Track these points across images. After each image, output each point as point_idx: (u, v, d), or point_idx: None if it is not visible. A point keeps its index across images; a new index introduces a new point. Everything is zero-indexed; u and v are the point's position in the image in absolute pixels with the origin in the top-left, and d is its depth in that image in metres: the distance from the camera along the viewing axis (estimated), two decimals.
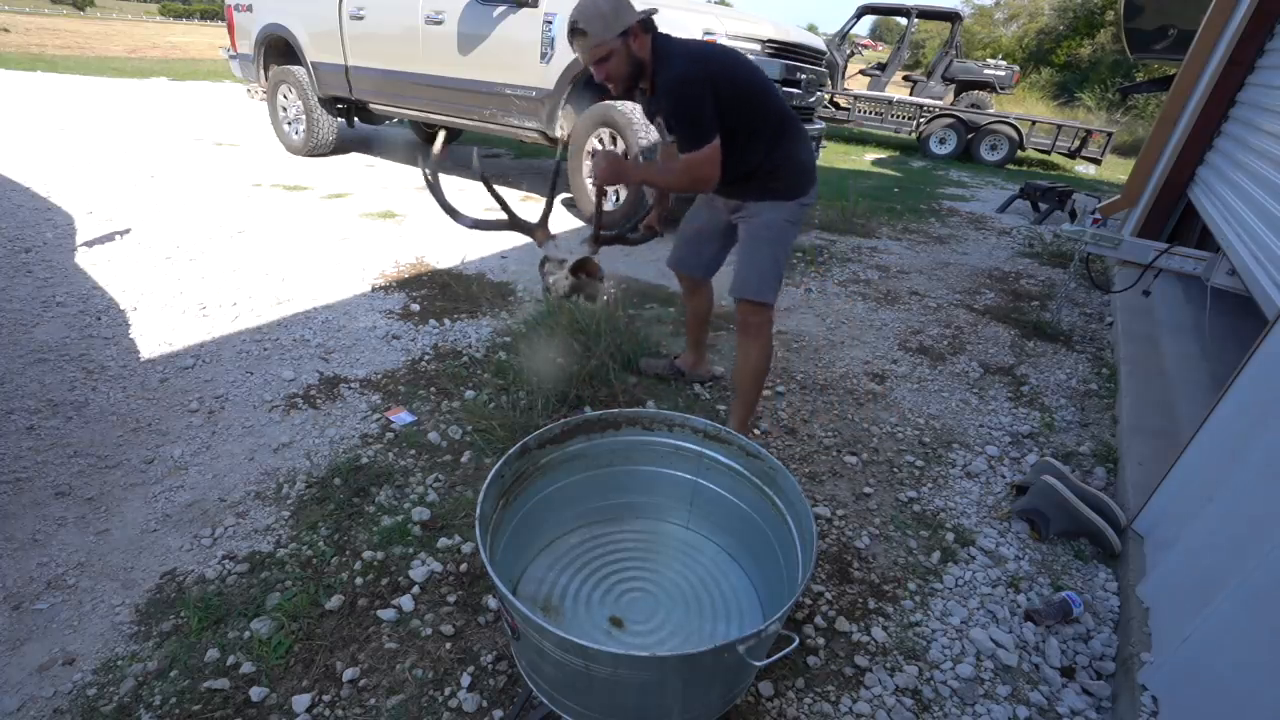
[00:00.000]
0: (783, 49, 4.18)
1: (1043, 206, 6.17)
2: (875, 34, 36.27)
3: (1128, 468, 2.15)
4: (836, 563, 1.77)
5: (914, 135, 10.65)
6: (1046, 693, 1.45)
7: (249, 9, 5.96)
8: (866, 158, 9.89)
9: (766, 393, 2.59)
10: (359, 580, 1.57)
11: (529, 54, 4.40)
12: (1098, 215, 3.65)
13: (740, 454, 1.46)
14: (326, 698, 1.31)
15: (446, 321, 2.93)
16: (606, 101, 4.26)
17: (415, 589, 1.56)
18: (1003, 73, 12.68)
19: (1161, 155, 4.23)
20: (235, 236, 3.77)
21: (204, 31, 30.20)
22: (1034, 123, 10.49)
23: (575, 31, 1.72)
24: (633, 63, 1.78)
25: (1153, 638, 1.47)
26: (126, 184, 4.65)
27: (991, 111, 11.67)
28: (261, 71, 6.19)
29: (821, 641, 1.52)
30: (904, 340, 3.19)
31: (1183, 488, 1.72)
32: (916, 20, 11.41)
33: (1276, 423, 1.36)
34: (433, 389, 2.39)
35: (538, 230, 2.38)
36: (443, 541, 1.70)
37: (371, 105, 5.69)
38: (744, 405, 2.09)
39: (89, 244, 3.48)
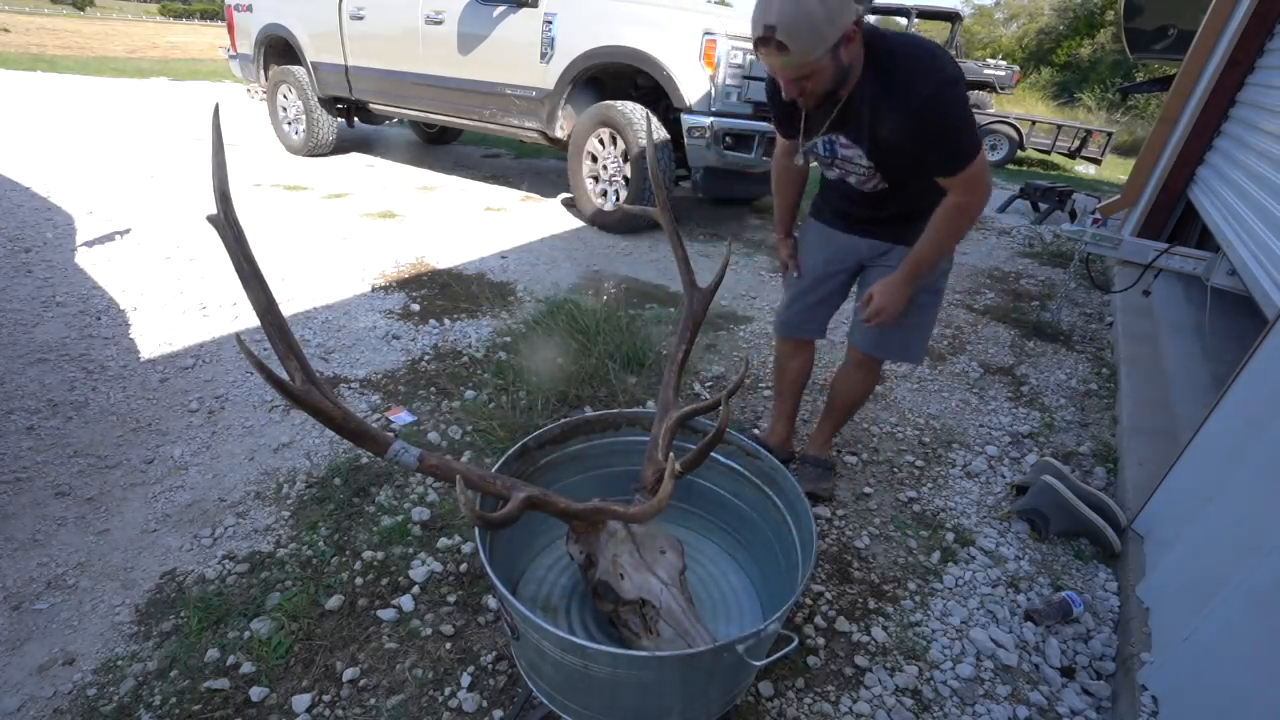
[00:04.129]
0: None
1: (1043, 206, 6.17)
2: None
3: (1128, 468, 2.15)
4: (836, 563, 1.77)
5: None
6: (1046, 693, 1.45)
7: (249, 9, 5.96)
8: None
9: (766, 392, 2.59)
10: (359, 580, 1.57)
11: (529, 54, 4.40)
12: (1098, 215, 3.66)
13: (740, 454, 1.46)
14: (326, 698, 1.31)
15: (446, 321, 2.93)
16: (606, 101, 4.26)
17: (415, 589, 1.56)
18: (1003, 73, 12.66)
19: (1161, 155, 4.23)
20: None
21: (204, 31, 30.23)
22: (1034, 123, 10.48)
23: (771, 43, 1.25)
24: (838, 75, 1.34)
25: (1153, 638, 1.47)
26: (126, 184, 4.65)
27: (991, 111, 11.66)
28: (261, 71, 6.20)
29: (821, 641, 1.52)
30: None
31: (1183, 488, 1.72)
32: (916, 20, 11.39)
33: (1276, 423, 1.36)
34: (433, 389, 2.39)
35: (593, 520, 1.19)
36: (443, 541, 1.70)
37: (371, 105, 5.69)
38: (836, 427, 2.01)
39: (89, 244, 3.48)
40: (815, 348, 1.99)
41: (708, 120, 3.95)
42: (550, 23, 4.27)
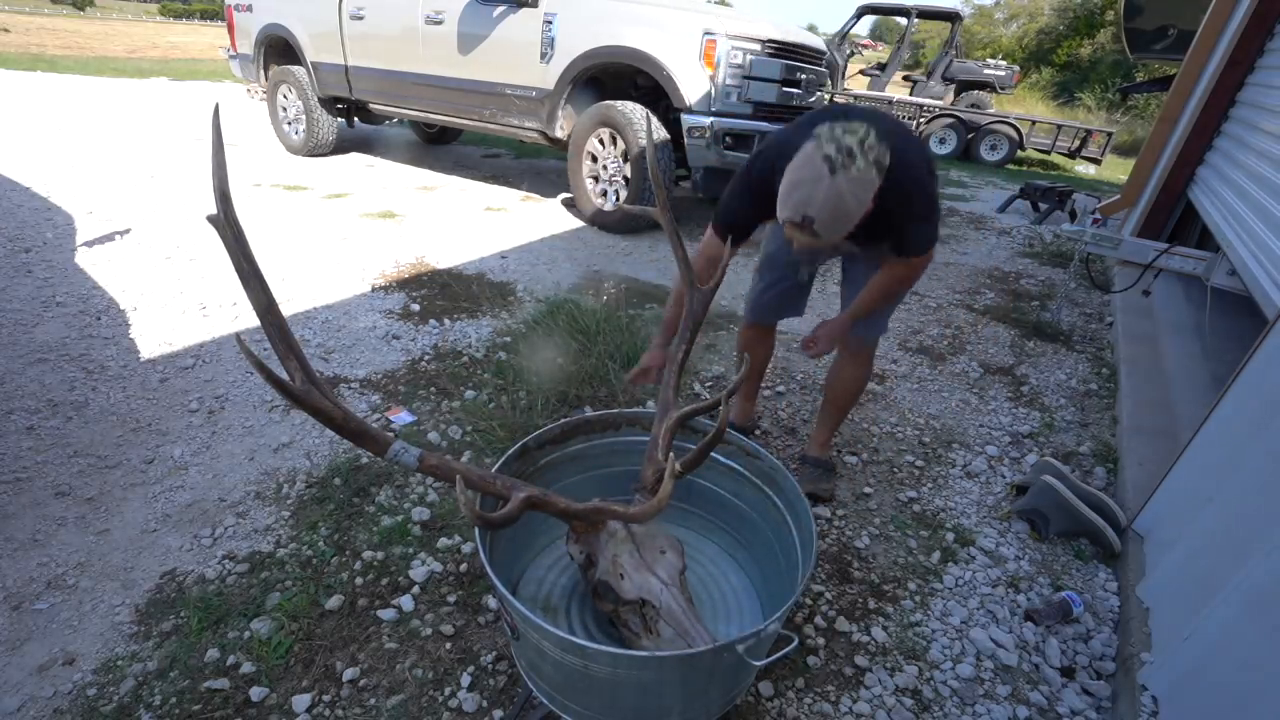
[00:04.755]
0: (783, 49, 4.19)
1: (1043, 206, 6.17)
2: (875, 34, 36.35)
3: (1128, 468, 2.15)
4: (836, 563, 1.77)
5: None
6: (1046, 693, 1.45)
7: (249, 9, 5.96)
8: None
9: (766, 392, 2.59)
10: (359, 580, 1.57)
11: (529, 54, 4.40)
12: (1098, 215, 3.66)
13: (740, 454, 1.46)
14: (326, 698, 1.31)
15: (446, 321, 2.93)
16: (606, 101, 4.27)
17: (415, 589, 1.56)
18: (1003, 73, 12.69)
19: (1161, 155, 4.23)
20: None
21: (204, 31, 30.21)
22: (1034, 123, 10.49)
23: (805, 229, 1.29)
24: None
25: (1153, 638, 1.47)
26: (126, 184, 4.65)
27: (991, 111, 11.67)
28: (261, 71, 6.20)
29: (821, 641, 1.52)
30: (904, 340, 3.19)
31: (1183, 488, 1.72)
32: (916, 20, 11.41)
33: (1276, 423, 1.36)
34: (433, 389, 2.39)
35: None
36: (443, 541, 1.70)
37: (371, 105, 5.69)
38: (835, 425, 2.04)
39: (89, 244, 3.48)
40: (775, 331, 2.14)
41: (708, 120, 3.95)
42: (550, 23, 4.27)
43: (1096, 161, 9.86)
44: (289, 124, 6.12)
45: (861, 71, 12.67)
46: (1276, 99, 2.97)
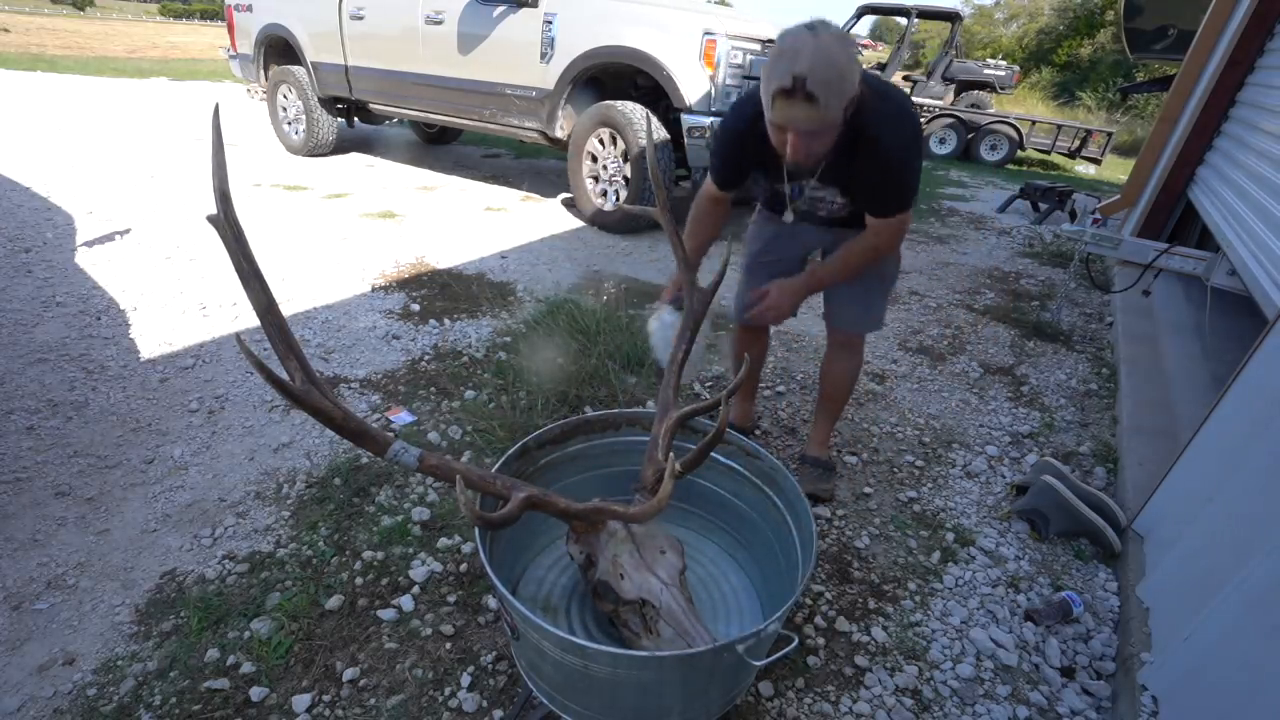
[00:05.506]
0: None
1: (1043, 206, 6.16)
2: (875, 34, 36.38)
3: (1128, 468, 2.15)
4: (836, 563, 1.77)
5: None
6: (1046, 693, 1.45)
7: (249, 9, 5.96)
8: None
9: (766, 392, 2.59)
10: (359, 580, 1.57)
11: (529, 54, 4.40)
12: (1098, 215, 3.66)
13: (740, 454, 1.46)
14: (326, 698, 1.31)
15: (446, 321, 2.93)
16: (606, 101, 4.27)
17: (415, 589, 1.56)
18: (1003, 73, 12.68)
19: (1161, 155, 4.23)
20: None
21: (204, 31, 30.21)
22: (1034, 123, 10.49)
23: (798, 94, 1.20)
24: (837, 137, 1.36)
25: (1153, 638, 1.47)
26: (126, 184, 4.65)
27: (991, 111, 11.66)
28: (261, 71, 6.20)
29: (821, 641, 1.52)
30: (904, 340, 3.19)
31: (1183, 488, 1.72)
32: (916, 20, 11.39)
33: (1276, 423, 1.36)
34: (433, 389, 2.39)
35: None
36: (443, 541, 1.70)
37: (371, 105, 5.69)
38: (833, 421, 2.05)
39: (89, 244, 3.48)
40: (770, 330, 2.12)
41: (708, 120, 3.95)
42: (550, 23, 4.27)
43: (1096, 161, 9.85)
44: (289, 124, 6.12)
45: None
46: (1276, 99, 2.97)
